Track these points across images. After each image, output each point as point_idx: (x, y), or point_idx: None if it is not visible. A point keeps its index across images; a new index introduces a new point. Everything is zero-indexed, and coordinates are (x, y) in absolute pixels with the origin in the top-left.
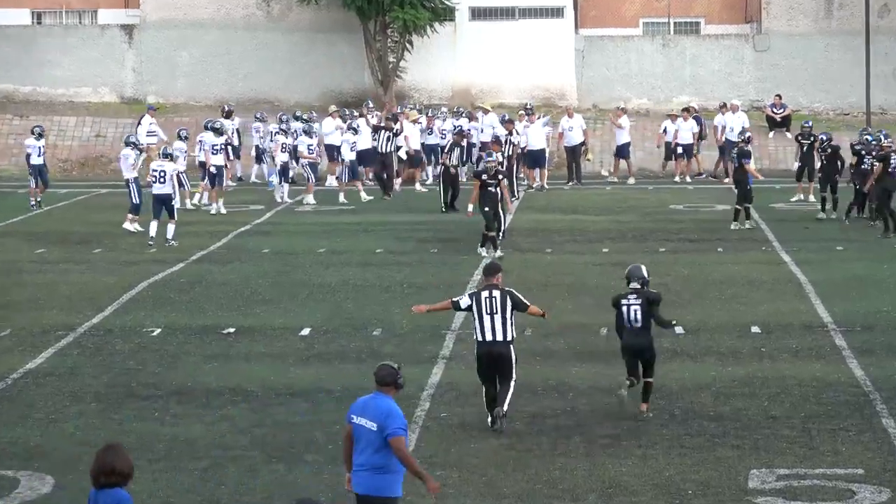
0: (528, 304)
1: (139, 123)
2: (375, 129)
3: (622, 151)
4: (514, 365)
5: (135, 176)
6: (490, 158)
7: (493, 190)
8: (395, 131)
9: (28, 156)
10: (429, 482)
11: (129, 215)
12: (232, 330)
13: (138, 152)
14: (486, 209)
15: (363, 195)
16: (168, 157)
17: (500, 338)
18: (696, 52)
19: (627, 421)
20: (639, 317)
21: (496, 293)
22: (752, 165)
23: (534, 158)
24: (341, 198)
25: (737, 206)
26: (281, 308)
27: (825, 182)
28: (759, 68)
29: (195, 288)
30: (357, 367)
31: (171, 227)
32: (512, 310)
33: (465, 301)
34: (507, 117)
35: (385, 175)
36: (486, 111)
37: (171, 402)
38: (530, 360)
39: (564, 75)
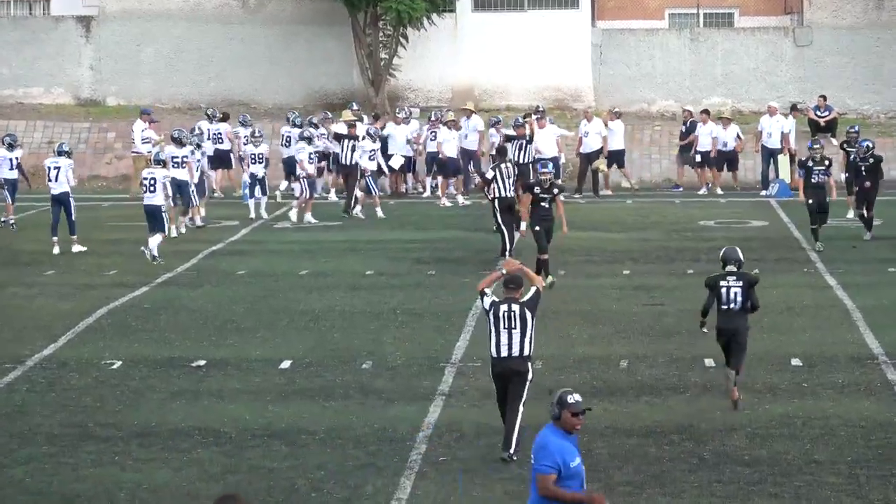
0: (534, 285)
1: (132, 130)
2: (338, 137)
3: (616, 158)
4: (527, 383)
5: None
6: (545, 170)
7: (547, 206)
8: (359, 139)
9: None
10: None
11: (74, 236)
12: (202, 363)
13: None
14: (537, 228)
15: (357, 210)
16: (160, 163)
17: (515, 352)
18: (730, 47)
19: (651, 466)
20: (739, 299)
21: (515, 307)
22: (798, 177)
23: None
24: (357, 211)
25: (813, 226)
26: (258, 338)
27: (863, 198)
28: (800, 66)
29: (161, 315)
30: (344, 405)
31: (156, 239)
32: (533, 320)
33: (488, 300)
34: (519, 120)
35: (347, 188)
36: (469, 113)
37: (133, 444)
38: (540, 396)
39: (580, 74)
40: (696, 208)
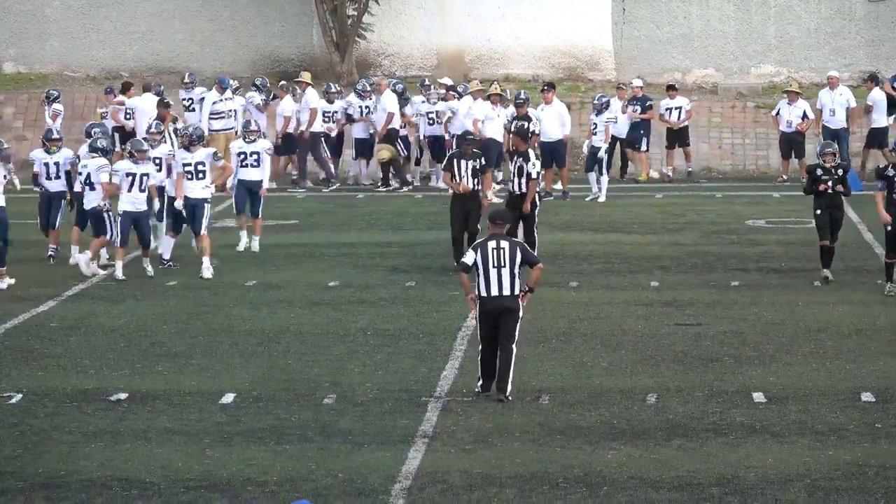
0: (539, 261)
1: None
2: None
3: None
4: (518, 321)
5: None
6: (829, 150)
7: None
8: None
9: None
10: None
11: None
12: (123, 396)
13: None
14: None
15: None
16: (101, 152)
17: (507, 292)
18: (785, 2)
19: None
20: None
21: (504, 244)
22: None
23: (549, 153)
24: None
25: (887, 260)
26: (193, 365)
27: None
28: (873, 26)
29: (71, 336)
30: (301, 449)
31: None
32: (521, 264)
33: (470, 257)
34: (522, 96)
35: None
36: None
37: (38, 497)
38: (548, 439)
39: (597, 36)
40: (742, 204)
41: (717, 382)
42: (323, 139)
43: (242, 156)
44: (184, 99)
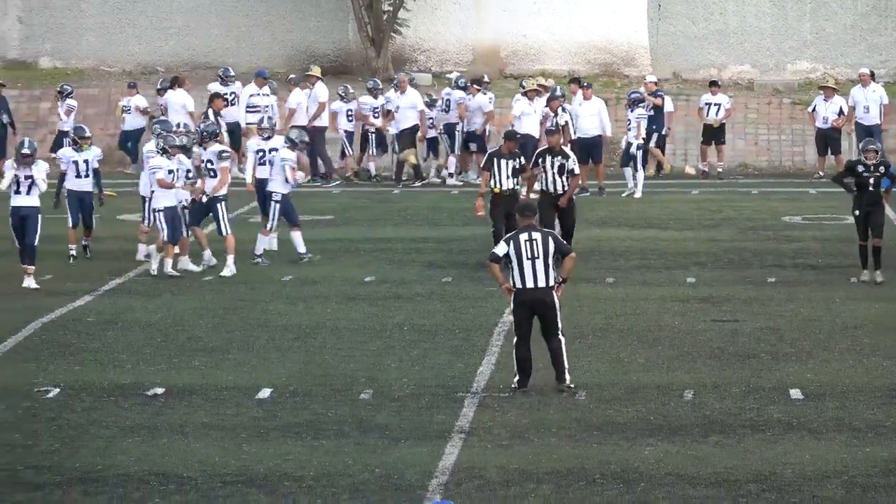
0: (571, 250)
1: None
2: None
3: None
4: (558, 313)
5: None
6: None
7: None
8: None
9: None
10: None
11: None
12: (160, 391)
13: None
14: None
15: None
16: (183, 149)
17: (542, 283)
18: None
19: None
20: None
21: (537, 235)
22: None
23: (586, 149)
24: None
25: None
26: (230, 360)
27: None
28: None
29: (108, 331)
30: (338, 445)
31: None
32: (555, 254)
33: (502, 248)
34: (558, 91)
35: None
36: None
37: (75, 493)
38: (585, 434)
39: (633, 31)
40: (779, 201)
41: (754, 379)
42: (374, 135)
43: (261, 153)
44: (224, 94)
